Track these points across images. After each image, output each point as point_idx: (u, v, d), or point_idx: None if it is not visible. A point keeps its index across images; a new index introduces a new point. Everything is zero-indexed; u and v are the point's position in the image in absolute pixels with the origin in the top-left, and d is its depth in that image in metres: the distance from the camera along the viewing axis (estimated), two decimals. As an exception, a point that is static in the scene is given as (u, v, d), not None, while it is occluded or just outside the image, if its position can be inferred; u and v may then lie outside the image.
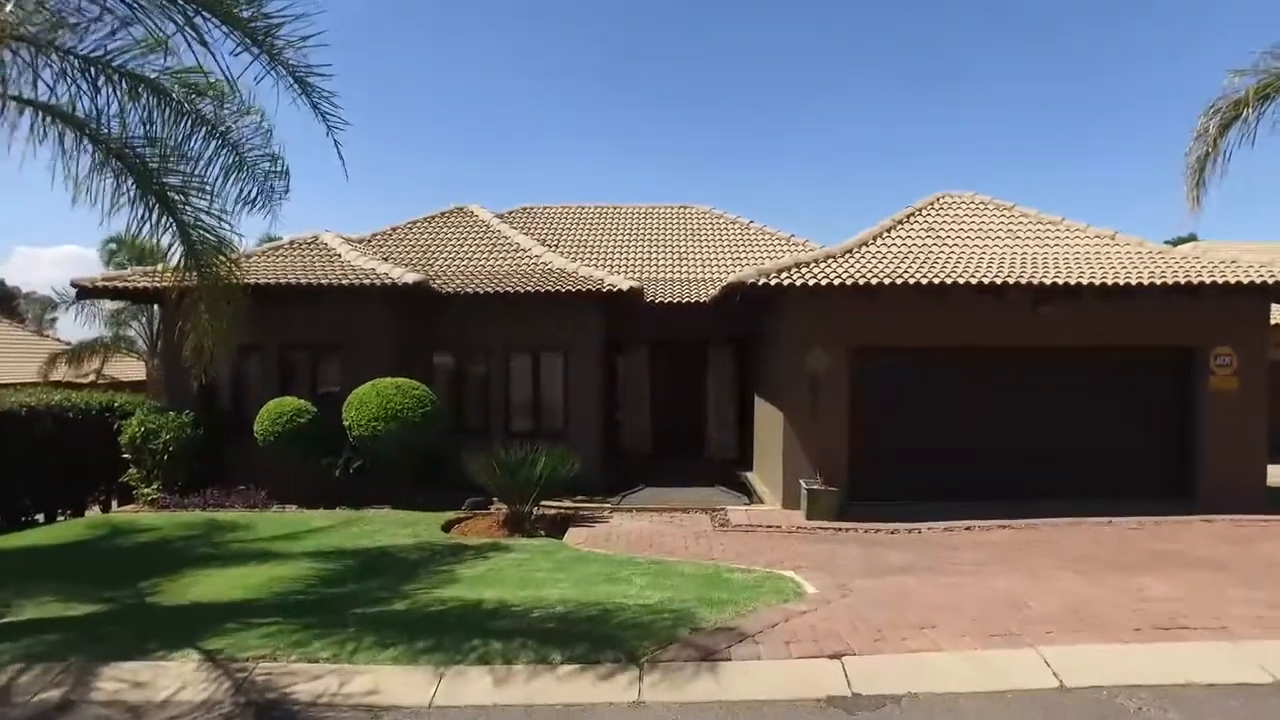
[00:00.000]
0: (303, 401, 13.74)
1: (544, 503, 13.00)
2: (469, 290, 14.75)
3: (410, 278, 13.66)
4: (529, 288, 14.60)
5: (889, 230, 14.61)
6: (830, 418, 12.76)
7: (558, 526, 11.97)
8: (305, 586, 8.39)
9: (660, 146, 47.02)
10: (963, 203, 15.66)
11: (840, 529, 11.69)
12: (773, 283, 12.00)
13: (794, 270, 12.43)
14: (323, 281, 13.55)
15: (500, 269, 15.90)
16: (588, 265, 16.33)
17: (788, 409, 12.85)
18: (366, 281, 13.58)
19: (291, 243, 15.77)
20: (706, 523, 12.09)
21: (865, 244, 14.05)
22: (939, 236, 14.42)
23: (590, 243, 19.94)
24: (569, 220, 21.22)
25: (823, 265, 12.82)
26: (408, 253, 16.99)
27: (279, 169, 9.42)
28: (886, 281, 12.00)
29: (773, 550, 10.12)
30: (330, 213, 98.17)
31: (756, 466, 16.07)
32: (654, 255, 19.46)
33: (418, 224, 18.28)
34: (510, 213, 21.15)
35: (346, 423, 13.23)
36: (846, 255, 13.44)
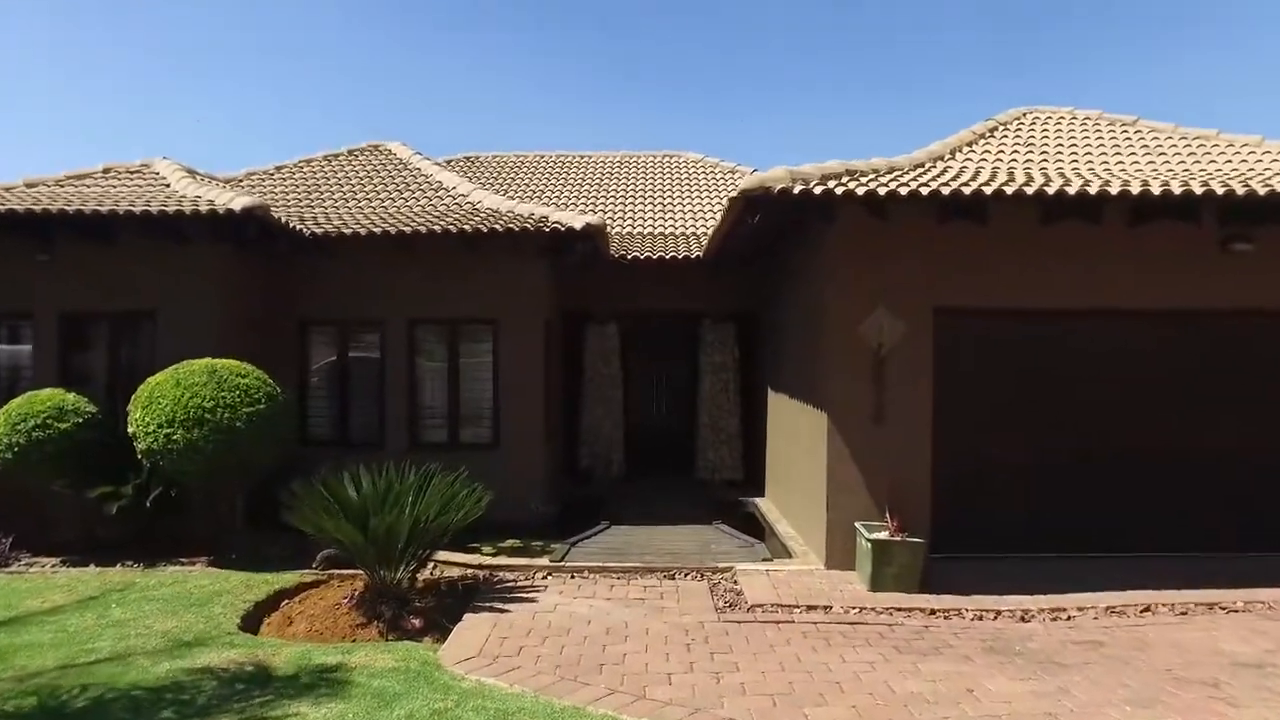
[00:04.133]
0: (73, 396, 8.41)
1: (442, 557, 7.75)
2: (347, 231, 9.43)
3: (240, 203, 8.32)
4: (436, 227, 9.30)
5: (969, 144, 9.41)
6: (904, 421, 7.52)
7: (455, 605, 6.69)
8: None
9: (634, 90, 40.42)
10: (1060, 117, 10.43)
11: (937, 613, 6.43)
12: (816, 190, 6.73)
13: (847, 178, 7.19)
14: (96, 209, 8.18)
15: (409, 212, 10.58)
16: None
17: (835, 408, 7.58)
18: (170, 209, 8.23)
19: (106, 170, 10.40)
20: (703, 599, 6.81)
21: (940, 158, 8.85)
22: (1044, 153, 9.21)
23: (549, 193, 14.64)
24: (524, 169, 15.91)
25: (886, 178, 7.59)
26: (289, 193, 11.66)
27: None
28: (1008, 190, 6.77)
29: (840, 690, 4.85)
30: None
31: (774, 493, 10.80)
32: (631, 207, 14.20)
33: (314, 161, 12.92)
34: (450, 161, 15.83)
35: (131, 429, 7.92)
36: (918, 170, 8.20)
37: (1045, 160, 8.96)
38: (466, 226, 9.23)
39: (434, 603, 6.74)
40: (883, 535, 7.04)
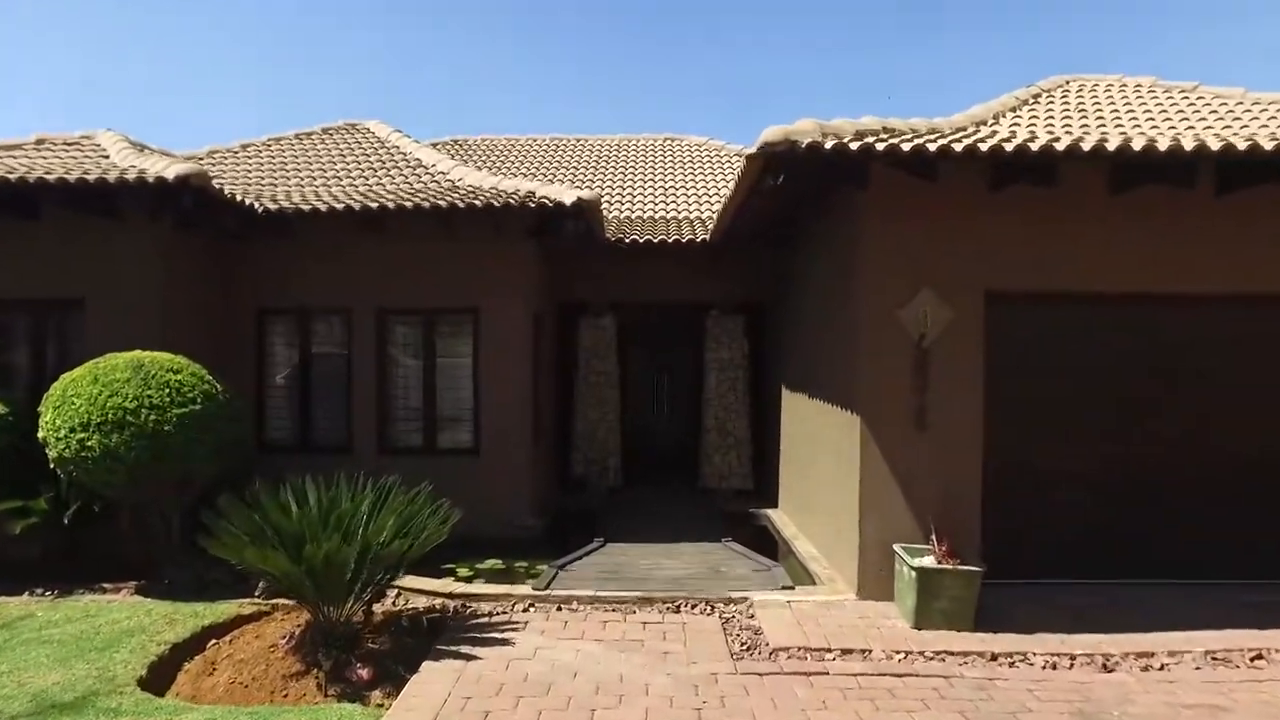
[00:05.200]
0: (-22, 396, 7.18)
1: (408, 583, 6.53)
2: (306, 207, 8.20)
3: (174, 170, 7.07)
4: (408, 203, 8.06)
5: (1013, 110, 8.15)
6: (951, 425, 6.28)
7: (417, 646, 5.47)
8: None
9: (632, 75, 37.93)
10: (1109, 84, 9.18)
11: (999, 659, 5.20)
12: (853, 147, 5.50)
13: (885, 134, 5.95)
14: (5, 177, 6.94)
15: (382, 190, 9.34)
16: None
17: (869, 410, 6.33)
18: (91, 178, 6.98)
19: (40, 141, 9.14)
20: (715, 640, 5.56)
21: (983, 122, 7.58)
22: (1100, 118, 7.94)
23: (541, 176, 13.38)
24: (515, 152, 14.67)
25: (929, 138, 6.34)
26: (253, 171, 10.43)
27: None
28: (1085, 146, 5.53)
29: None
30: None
31: (789, 506, 9.55)
32: (629, 191, 12.95)
33: (284, 140, 11.69)
34: (436, 144, 14.59)
35: (41, 434, 6.67)
36: (959, 133, 6.95)
37: (1103, 125, 7.69)
38: (442, 203, 7.99)
39: (390, 644, 5.50)
40: (929, 561, 5.79)
